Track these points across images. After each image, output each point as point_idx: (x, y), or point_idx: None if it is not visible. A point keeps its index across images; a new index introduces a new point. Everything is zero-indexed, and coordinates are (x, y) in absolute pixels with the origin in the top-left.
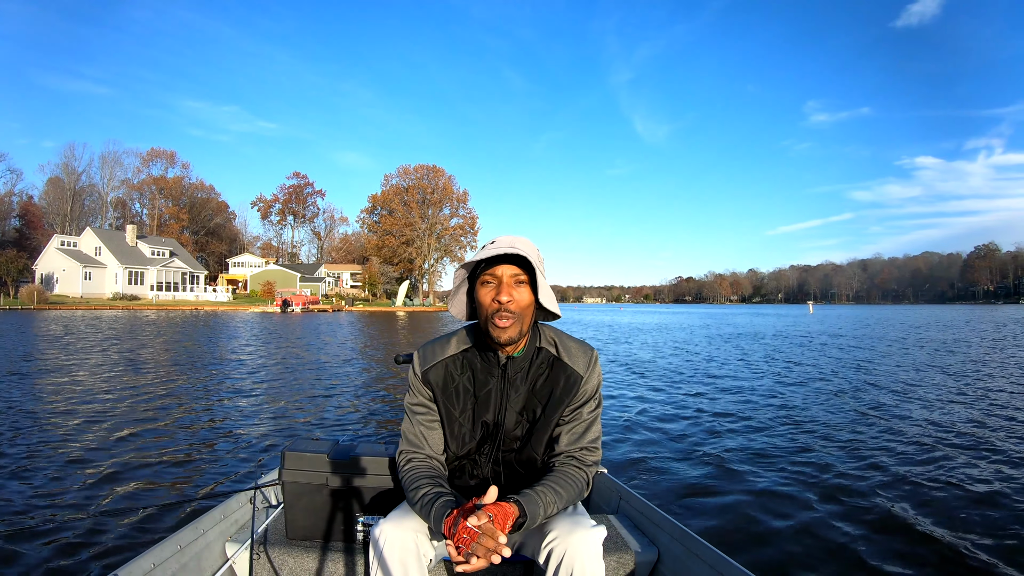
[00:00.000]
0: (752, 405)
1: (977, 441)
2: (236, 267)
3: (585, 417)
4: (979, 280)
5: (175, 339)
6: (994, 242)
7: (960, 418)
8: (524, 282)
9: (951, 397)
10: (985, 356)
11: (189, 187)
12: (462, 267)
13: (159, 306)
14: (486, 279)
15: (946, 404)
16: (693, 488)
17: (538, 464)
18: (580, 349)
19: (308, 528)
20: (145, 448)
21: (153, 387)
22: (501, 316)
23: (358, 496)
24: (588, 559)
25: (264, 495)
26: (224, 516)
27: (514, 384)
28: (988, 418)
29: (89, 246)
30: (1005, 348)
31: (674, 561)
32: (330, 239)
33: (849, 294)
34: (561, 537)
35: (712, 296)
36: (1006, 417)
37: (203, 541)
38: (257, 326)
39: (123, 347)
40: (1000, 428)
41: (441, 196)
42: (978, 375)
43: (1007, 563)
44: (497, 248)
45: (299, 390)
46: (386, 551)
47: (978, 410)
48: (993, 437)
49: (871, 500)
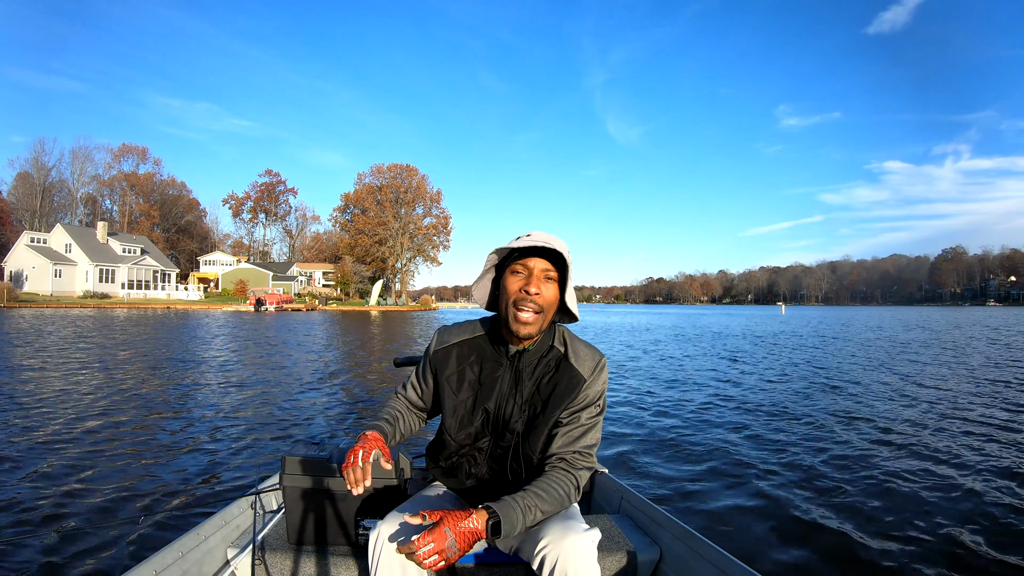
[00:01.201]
0: (753, 405)
1: (986, 452)
2: (207, 265)
3: (583, 422)
4: (946, 282)
5: (157, 340)
6: (961, 245)
7: (979, 423)
8: (553, 279)
9: (968, 401)
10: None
11: (160, 184)
12: (495, 252)
13: (131, 304)
14: (517, 268)
15: (962, 408)
16: (695, 487)
17: (534, 463)
18: (589, 353)
19: (309, 532)
20: (144, 455)
21: (148, 393)
22: (525, 308)
23: (358, 499)
24: (582, 563)
25: (264, 500)
26: (225, 522)
27: (520, 377)
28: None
29: (59, 243)
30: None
31: (676, 560)
32: (302, 238)
33: (818, 295)
34: (554, 542)
35: (682, 297)
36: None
37: (204, 547)
38: (234, 326)
39: (107, 349)
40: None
41: (414, 195)
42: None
43: (1015, 560)
44: (534, 240)
45: (296, 394)
46: (384, 552)
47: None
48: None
49: (875, 500)
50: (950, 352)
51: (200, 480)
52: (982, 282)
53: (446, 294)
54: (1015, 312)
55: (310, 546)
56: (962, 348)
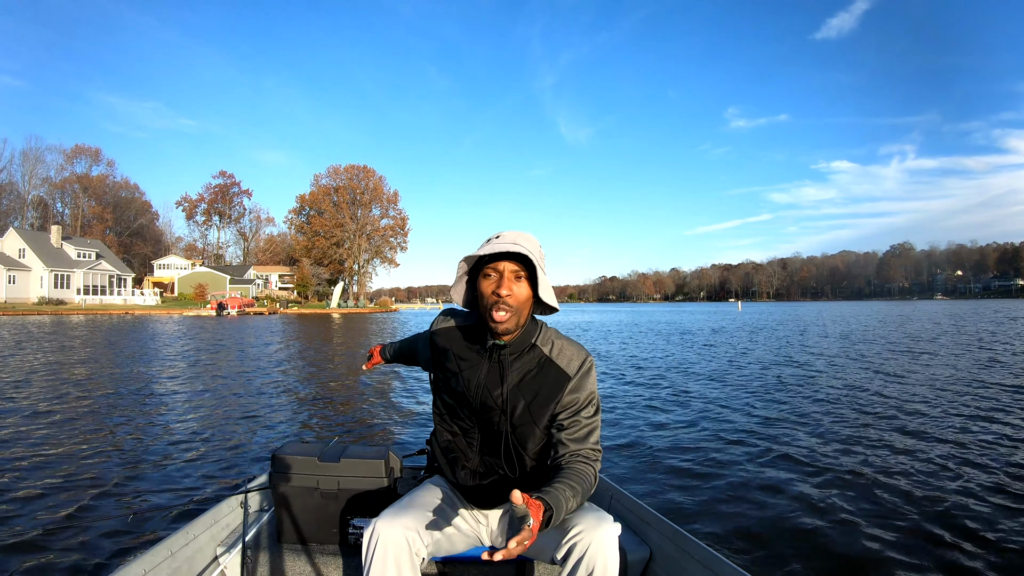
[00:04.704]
0: (741, 402)
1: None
2: (161, 269)
3: (584, 423)
4: (894, 277)
5: (129, 345)
6: (909, 241)
7: (985, 418)
8: (523, 277)
9: (963, 403)
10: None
11: (113, 186)
12: (464, 260)
13: (88, 311)
14: (488, 272)
15: (961, 410)
16: (685, 487)
17: (526, 461)
18: (574, 352)
19: (298, 531)
20: (132, 454)
21: (132, 394)
22: (499, 308)
23: (349, 499)
24: (610, 555)
25: (253, 499)
26: (214, 521)
27: (503, 370)
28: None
29: (12, 248)
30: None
31: (666, 560)
32: (256, 240)
33: (770, 291)
34: (587, 531)
35: (636, 295)
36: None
37: (194, 546)
38: (200, 330)
39: (78, 354)
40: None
41: (371, 196)
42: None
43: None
44: (500, 244)
45: (284, 393)
46: (379, 549)
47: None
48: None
49: (865, 498)
50: (973, 344)
51: (189, 479)
52: (929, 277)
53: (399, 295)
54: (971, 304)
55: (299, 545)
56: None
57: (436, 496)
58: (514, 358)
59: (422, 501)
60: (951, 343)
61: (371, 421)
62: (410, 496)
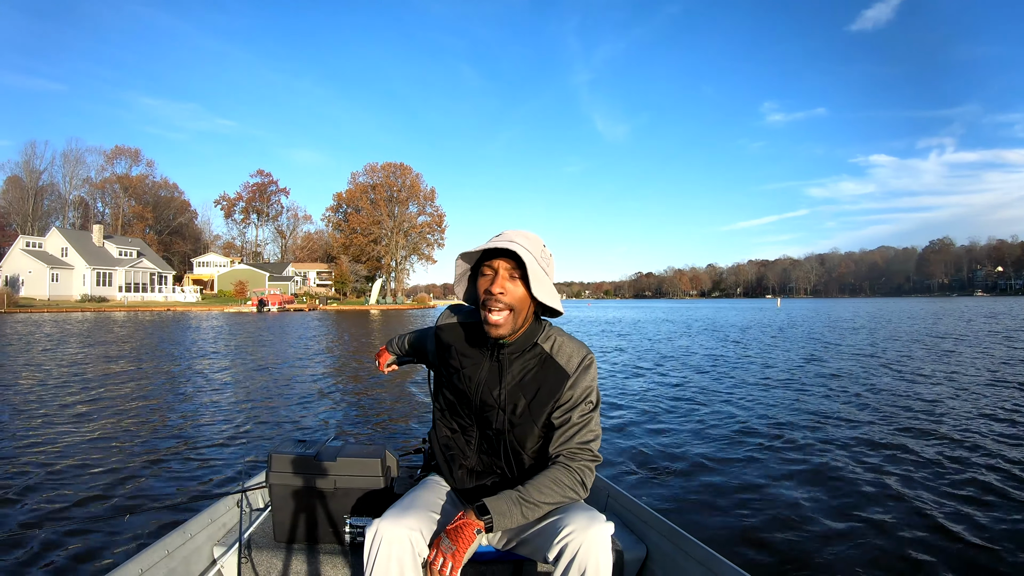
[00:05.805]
0: (741, 403)
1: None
2: (201, 267)
3: (575, 420)
4: (934, 273)
5: (161, 341)
6: (948, 236)
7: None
8: (519, 276)
9: (982, 395)
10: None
11: (153, 185)
12: (461, 257)
13: (129, 307)
14: (484, 270)
15: (974, 400)
16: (681, 486)
17: (524, 460)
18: (574, 350)
19: (295, 531)
20: (129, 453)
21: (137, 391)
22: (493, 306)
23: (346, 498)
24: (602, 554)
25: (251, 498)
26: (211, 520)
27: (502, 369)
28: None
29: (55, 247)
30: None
31: (663, 558)
32: (293, 237)
33: (807, 288)
34: (578, 531)
35: (672, 291)
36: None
37: (191, 545)
38: (239, 326)
39: (109, 350)
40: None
41: (408, 194)
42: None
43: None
44: (496, 242)
45: (286, 391)
46: (382, 549)
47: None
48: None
49: (861, 498)
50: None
51: (187, 478)
52: (969, 273)
53: (436, 291)
54: (1012, 301)
55: (296, 544)
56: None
57: (437, 496)
58: (515, 357)
59: (423, 501)
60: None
61: (367, 420)
62: (411, 496)
